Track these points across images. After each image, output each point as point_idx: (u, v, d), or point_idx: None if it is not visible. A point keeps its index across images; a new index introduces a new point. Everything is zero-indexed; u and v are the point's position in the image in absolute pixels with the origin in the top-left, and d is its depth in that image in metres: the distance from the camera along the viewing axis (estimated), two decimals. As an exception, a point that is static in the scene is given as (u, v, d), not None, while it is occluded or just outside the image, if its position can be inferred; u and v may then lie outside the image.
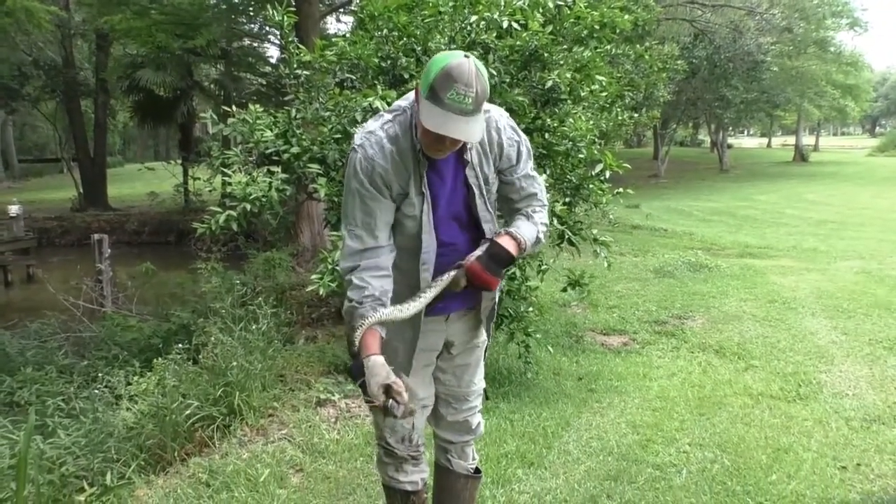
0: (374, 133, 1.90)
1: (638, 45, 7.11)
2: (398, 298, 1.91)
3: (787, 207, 15.06)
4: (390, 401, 1.66)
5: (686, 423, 3.79)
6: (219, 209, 4.36)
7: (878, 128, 72.01)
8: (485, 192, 2.00)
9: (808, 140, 39.22)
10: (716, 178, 24.17)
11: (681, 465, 3.31)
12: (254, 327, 4.18)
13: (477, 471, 2.35)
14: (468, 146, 1.93)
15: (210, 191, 4.76)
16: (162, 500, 2.86)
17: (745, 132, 62.53)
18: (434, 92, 1.73)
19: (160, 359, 4.03)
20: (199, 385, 3.84)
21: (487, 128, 1.96)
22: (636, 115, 8.39)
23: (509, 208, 2.14)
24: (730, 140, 37.34)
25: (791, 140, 39.48)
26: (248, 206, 4.32)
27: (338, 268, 1.95)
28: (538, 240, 2.08)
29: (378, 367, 1.72)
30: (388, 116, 1.93)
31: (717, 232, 11.39)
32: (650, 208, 14.46)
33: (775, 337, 5.41)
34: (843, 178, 22.52)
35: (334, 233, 4.16)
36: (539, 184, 2.12)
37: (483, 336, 2.22)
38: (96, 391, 3.86)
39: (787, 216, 13.47)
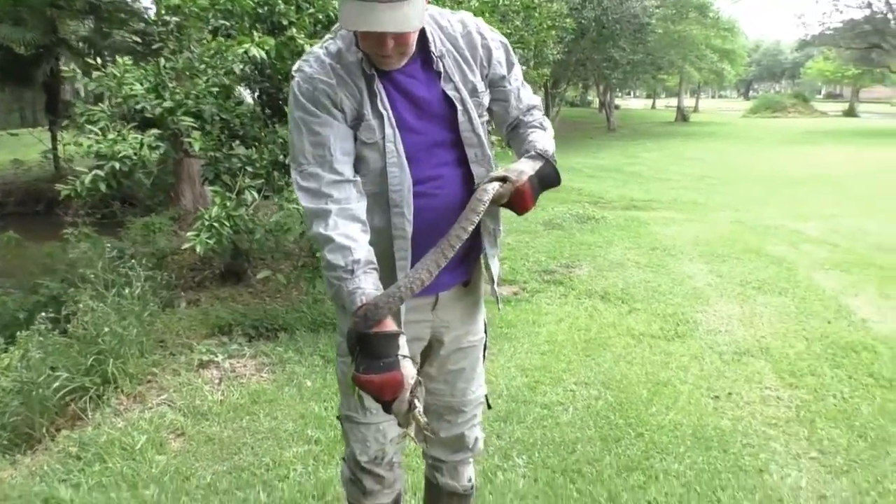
0: (311, 52, 1.58)
1: (526, -1, 7.11)
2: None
3: (670, 164, 15.77)
4: (416, 401, 1.31)
5: (573, 365, 3.90)
6: (86, 170, 4.04)
7: (751, 91, 76.74)
8: (471, 109, 1.60)
9: (689, 102, 41.13)
10: (603, 137, 24.96)
11: (567, 403, 3.41)
12: (127, 291, 3.92)
13: (471, 489, 1.97)
14: (434, 52, 1.56)
15: (83, 156, 4.38)
16: (27, 480, 2.65)
17: (632, 94, 64.95)
18: None
19: (23, 331, 3.72)
20: (70, 356, 3.58)
21: (467, 29, 1.62)
22: (525, 69, 8.45)
23: (510, 128, 1.75)
24: (617, 101, 38.64)
25: (674, 102, 41.31)
26: (118, 165, 4.02)
27: (309, 233, 1.51)
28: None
29: (409, 369, 1.35)
30: (329, 35, 1.61)
31: (605, 187, 11.77)
32: (542, 167, 14.67)
33: (656, 282, 5.65)
34: (721, 138, 23.82)
35: (212, 188, 3.95)
36: (534, 94, 1.76)
37: (480, 329, 1.83)
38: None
39: (669, 172, 14.10)
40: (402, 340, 1.39)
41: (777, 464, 2.86)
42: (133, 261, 4.24)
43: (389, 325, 1.38)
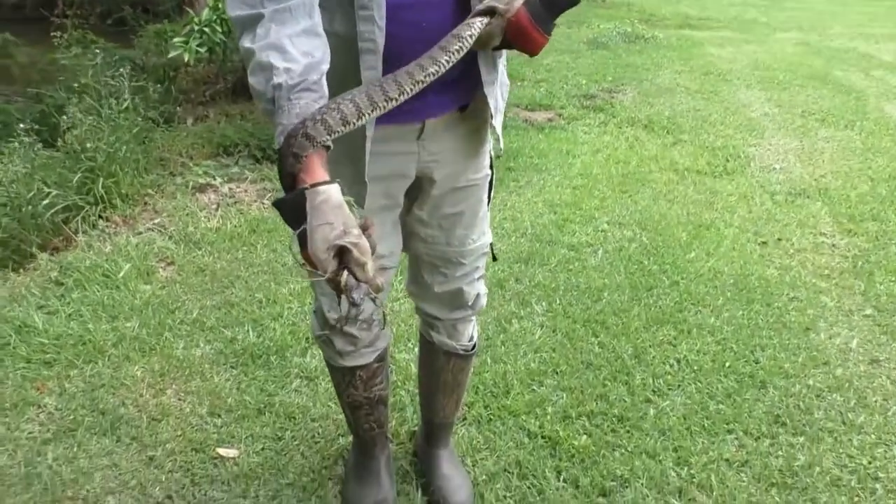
0: None
1: None
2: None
3: (732, -22, 14.23)
4: (345, 274, 0.95)
5: (607, 202, 3.53)
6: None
7: None
8: None
9: None
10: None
11: (597, 244, 3.08)
12: (114, 102, 3.56)
13: (472, 348, 1.67)
14: None
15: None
16: (7, 304, 2.46)
17: None
18: None
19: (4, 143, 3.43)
20: (57, 173, 3.31)
21: None
22: None
23: None
24: None
25: None
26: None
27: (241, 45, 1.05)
28: None
29: (330, 209, 0.96)
30: None
31: (657, 2, 10.66)
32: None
33: (707, 110, 5.10)
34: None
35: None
36: None
37: (483, 165, 1.45)
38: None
39: (730, -13, 12.72)
40: (331, 190, 0.98)
41: (826, 321, 2.55)
42: (121, 70, 3.82)
43: (314, 174, 0.99)
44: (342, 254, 0.95)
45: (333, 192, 0.97)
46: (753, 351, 2.36)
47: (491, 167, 1.49)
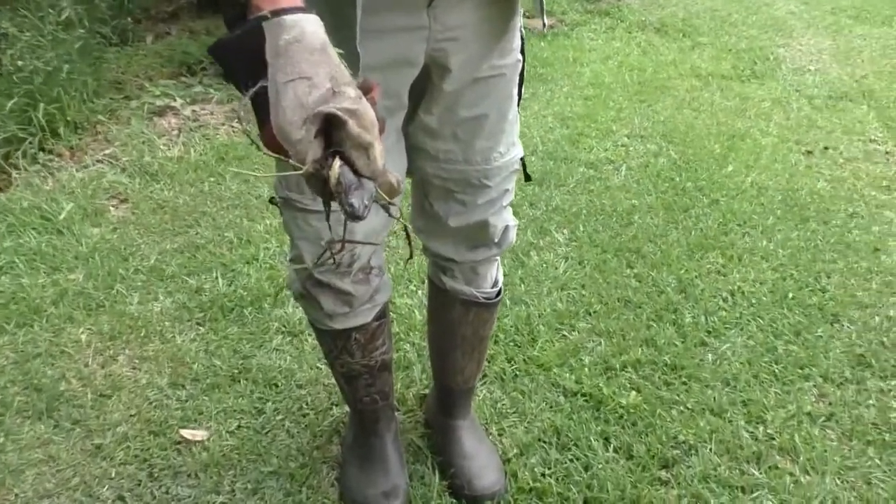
0: None
1: None
2: None
3: None
4: (336, 164, 0.58)
5: (624, 113, 3.10)
6: None
7: None
8: None
9: None
10: None
11: (619, 161, 2.68)
12: (59, 13, 3.05)
13: (497, 294, 1.28)
14: None
15: None
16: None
17: None
18: None
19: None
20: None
21: None
22: None
23: None
24: None
25: None
26: None
27: None
28: None
29: (308, 53, 0.60)
30: None
31: None
32: None
33: (726, 10, 4.60)
34: None
35: None
36: None
37: (513, 46, 1.04)
38: None
39: None
40: (306, 23, 0.61)
41: None
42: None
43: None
44: (330, 128, 0.58)
45: (310, 25, 0.60)
46: (818, 278, 2.00)
47: (522, 52, 1.08)
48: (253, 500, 1.31)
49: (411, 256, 0.80)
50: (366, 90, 0.62)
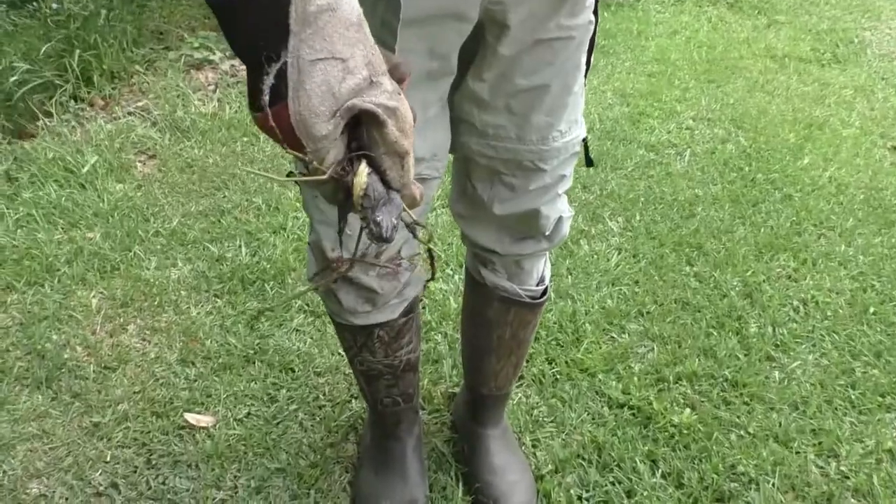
0: None
1: None
2: None
3: None
4: (363, 171, 0.46)
5: (690, 93, 2.87)
6: None
7: None
8: None
9: None
10: None
11: (683, 145, 2.46)
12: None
13: (543, 293, 1.11)
14: None
15: None
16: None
17: None
18: None
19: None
20: (26, 42, 2.76)
21: None
22: None
23: None
24: None
25: None
26: None
27: None
28: None
29: (343, 28, 0.45)
30: None
31: None
32: None
33: (807, -13, 4.25)
34: None
35: None
36: None
37: (587, 4, 0.83)
38: None
39: None
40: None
41: None
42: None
43: None
44: (360, 127, 0.47)
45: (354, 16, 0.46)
46: (903, 291, 1.78)
47: (594, 13, 0.88)
48: (256, 499, 1.19)
49: (432, 278, 0.65)
50: (399, 77, 0.47)
